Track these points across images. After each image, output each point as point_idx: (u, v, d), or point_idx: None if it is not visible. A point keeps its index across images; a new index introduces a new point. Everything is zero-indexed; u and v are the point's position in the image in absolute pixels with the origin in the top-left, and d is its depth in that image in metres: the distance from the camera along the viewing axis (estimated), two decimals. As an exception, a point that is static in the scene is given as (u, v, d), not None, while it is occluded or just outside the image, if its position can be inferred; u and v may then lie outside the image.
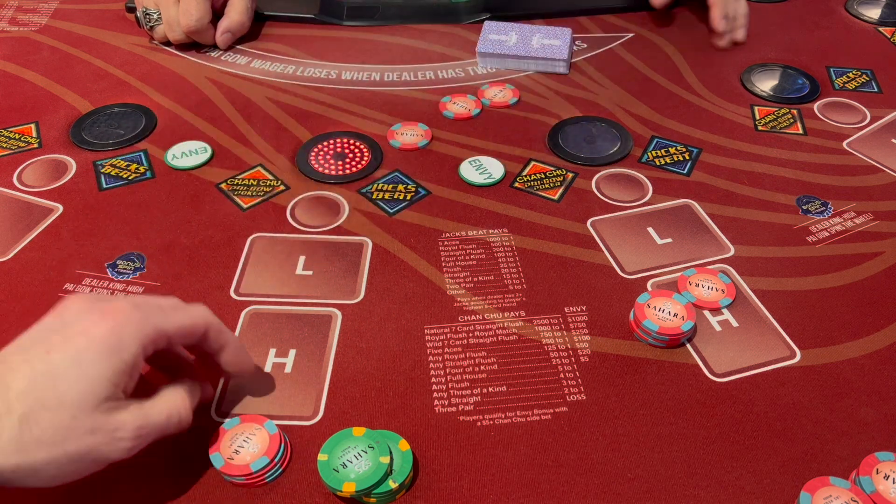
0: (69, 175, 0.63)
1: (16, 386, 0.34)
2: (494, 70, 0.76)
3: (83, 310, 0.38)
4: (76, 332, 0.36)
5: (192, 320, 0.40)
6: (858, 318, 0.51)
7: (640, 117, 0.70)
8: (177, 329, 0.39)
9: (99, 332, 0.36)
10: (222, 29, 0.77)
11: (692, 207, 0.60)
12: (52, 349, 0.36)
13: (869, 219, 0.59)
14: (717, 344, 0.50)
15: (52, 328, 0.37)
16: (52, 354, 0.35)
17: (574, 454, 0.43)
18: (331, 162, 0.64)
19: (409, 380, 0.47)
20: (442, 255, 0.56)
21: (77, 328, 0.36)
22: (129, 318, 0.37)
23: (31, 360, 0.35)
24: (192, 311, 0.41)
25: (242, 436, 0.42)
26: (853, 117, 0.70)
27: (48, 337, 0.36)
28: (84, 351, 0.36)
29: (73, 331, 0.36)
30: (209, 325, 0.41)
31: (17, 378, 0.35)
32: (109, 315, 0.37)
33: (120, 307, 0.38)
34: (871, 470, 0.41)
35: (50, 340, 0.36)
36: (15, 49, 0.79)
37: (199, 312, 0.41)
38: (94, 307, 0.38)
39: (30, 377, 0.35)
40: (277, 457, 0.41)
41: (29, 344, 0.36)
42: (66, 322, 0.37)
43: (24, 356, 0.36)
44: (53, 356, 0.35)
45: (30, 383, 0.34)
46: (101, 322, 0.37)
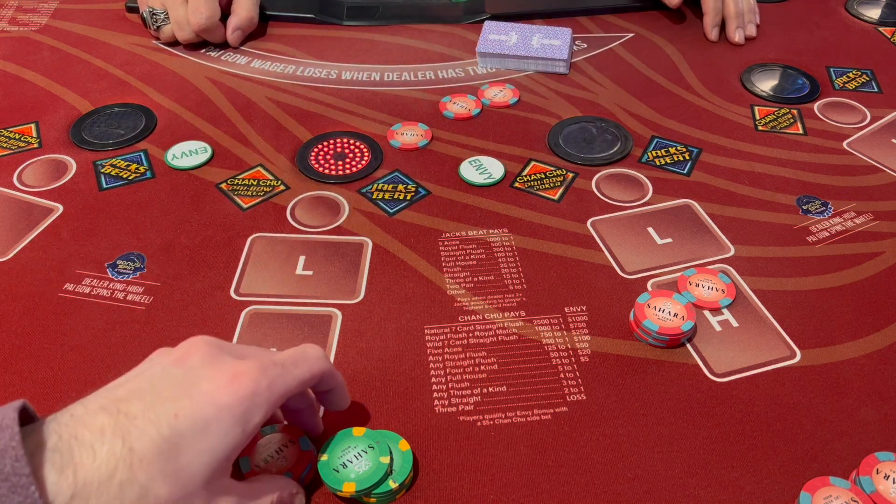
0: (69, 175, 0.63)
1: (140, 450, 0.31)
2: (494, 70, 0.76)
3: (210, 363, 0.35)
4: (204, 396, 0.34)
5: (311, 373, 0.38)
6: (858, 318, 0.51)
7: (640, 117, 0.70)
8: (300, 386, 0.38)
9: (228, 401, 0.34)
10: (233, 27, 0.77)
11: (692, 207, 0.60)
12: (180, 413, 0.33)
13: (869, 219, 0.59)
14: (717, 344, 0.50)
15: (176, 380, 0.34)
16: (179, 420, 0.32)
17: (574, 454, 0.43)
18: (331, 162, 0.64)
19: (409, 380, 0.47)
20: (442, 255, 0.56)
21: (205, 389, 0.34)
22: (259, 387, 0.35)
23: (159, 423, 0.32)
24: (311, 362, 0.39)
25: (275, 446, 0.42)
26: (853, 117, 0.70)
27: (175, 395, 0.33)
28: (213, 421, 0.33)
29: (200, 392, 0.34)
30: (324, 372, 0.39)
31: (143, 442, 0.31)
32: (239, 381, 0.34)
33: (250, 372, 0.35)
34: (871, 470, 0.41)
35: (179, 402, 0.33)
36: (15, 49, 0.79)
37: (317, 361, 0.39)
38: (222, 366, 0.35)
39: (157, 444, 0.31)
40: (303, 475, 0.41)
41: (152, 397, 0.33)
42: (191, 375, 0.35)
43: (150, 414, 0.32)
44: (180, 423, 0.32)
45: (156, 451, 0.31)
46: (230, 389, 0.34)
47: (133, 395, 0.33)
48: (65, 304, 0.52)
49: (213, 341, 0.37)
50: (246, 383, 0.35)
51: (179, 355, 0.36)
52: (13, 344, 0.49)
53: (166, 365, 0.35)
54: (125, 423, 0.32)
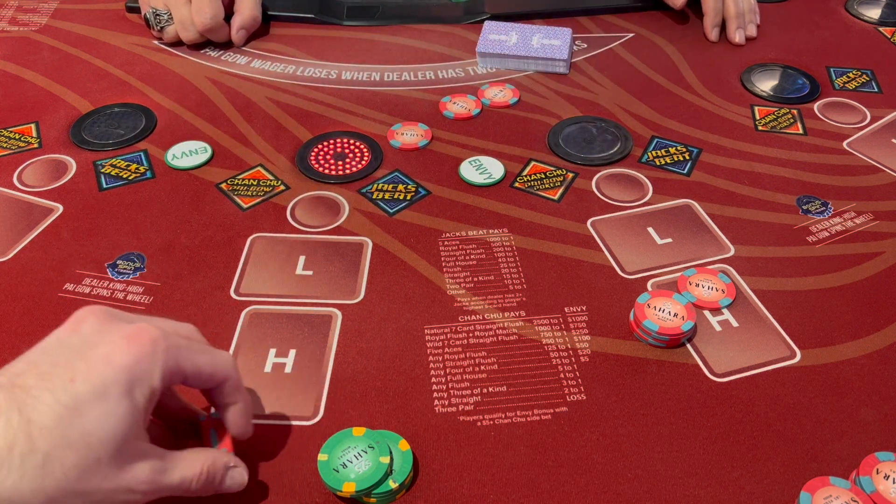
0: (69, 175, 0.63)
1: (39, 419, 0.31)
2: (494, 70, 0.76)
3: (104, 329, 0.35)
4: (99, 358, 0.33)
5: (212, 367, 0.37)
6: (858, 318, 0.51)
7: (640, 117, 0.70)
8: (195, 370, 0.37)
9: (124, 360, 0.33)
10: (237, 26, 0.78)
11: (692, 207, 0.60)
12: (77, 377, 0.32)
13: (869, 219, 0.59)
14: (717, 344, 0.50)
15: (71, 347, 0.34)
16: (76, 384, 0.32)
17: (574, 454, 0.43)
18: (331, 162, 0.64)
19: (410, 380, 0.47)
20: (442, 255, 0.56)
21: (100, 352, 0.33)
22: (155, 347, 0.34)
23: (55, 390, 0.32)
24: (217, 358, 0.38)
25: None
26: (853, 117, 0.70)
27: (70, 361, 0.33)
28: (110, 382, 0.32)
29: (95, 355, 0.33)
30: (228, 378, 0.38)
31: (39, 410, 0.31)
32: (135, 340, 0.34)
33: (145, 331, 0.35)
34: (871, 470, 0.41)
35: (73, 365, 0.33)
36: (15, 49, 0.79)
37: (223, 361, 0.38)
38: (115, 328, 0.35)
39: (55, 410, 0.31)
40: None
41: (48, 367, 0.33)
42: (86, 341, 0.34)
43: (45, 383, 0.32)
44: (77, 387, 0.32)
45: (54, 417, 0.31)
46: (126, 348, 0.34)
47: (28, 368, 0.33)
48: (65, 304, 0.52)
49: (106, 309, 0.36)
50: (143, 342, 0.34)
51: (72, 323, 0.35)
52: (13, 344, 0.49)
53: (60, 335, 0.35)
54: (20, 395, 0.31)
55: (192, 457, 0.37)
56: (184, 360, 0.36)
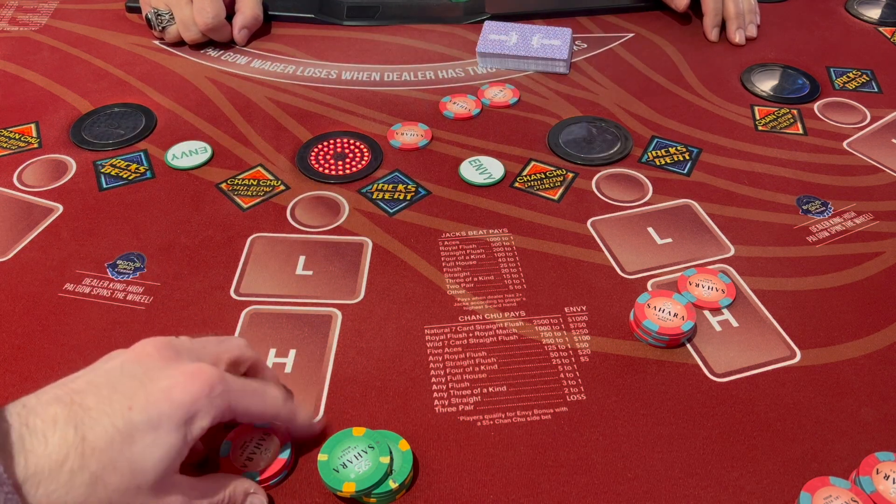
0: (69, 175, 0.63)
1: (93, 440, 0.32)
2: (494, 70, 0.76)
3: (167, 363, 0.36)
4: (159, 392, 0.34)
5: (261, 409, 0.39)
6: (858, 318, 0.51)
7: (640, 117, 0.70)
8: (245, 413, 0.38)
9: (183, 397, 0.34)
10: (239, 25, 0.78)
11: (692, 207, 0.60)
12: (135, 407, 0.33)
13: (869, 219, 0.59)
14: (717, 344, 0.50)
15: (133, 376, 0.35)
16: (133, 413, 0.33)
17: (574, 454, 0.43)
18: (331, 162, 0.64)
19: (409, 380, 0.47)
20: (442, 255, 0.56)
21: (161, 386, 0.35)
22: (213, 390, 0.36)
23: (113, 415, 0.33)
24: (266, 400, 0.39)
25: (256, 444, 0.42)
26: (853, 117, 0.70)
27: (131, 390, 0.34)
28: (165, 417, 0.34)
29: (156, 388, 0.34)
30: (277, 416, 0.40)
31: (95, 431, 0.32)
32: (196, 380, 0.35)
33: (206, 373, 0.36)
34: (871, 470, 0.41)
35: (133, 395, 0.34)
36: (15, 49, 0.79)
37: (271, 401, 0.40)
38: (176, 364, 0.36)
39: (109, 434, 0.32)
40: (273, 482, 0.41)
41: (108, 391, 0.34)
42: (148, 373, 0.35)
43: (104, 406, 0.33)
44: (134, 415, 0.33)
45: (107, 440, 0.32)
46: (186, 386, 0.35)
47: (89, 388, 0.34)
48: (65, 304, 0.52)
49: (172, 343, 0.38)
50: (202, 383, 0.35)
51: (139, 353, 0.37)
52: (13, 344, 0.49)
53: (125, 361, 0.36)
54: (79, 412, 0.32)
55: (216, 485, 0.38)
56: (236, 403, 0.37)
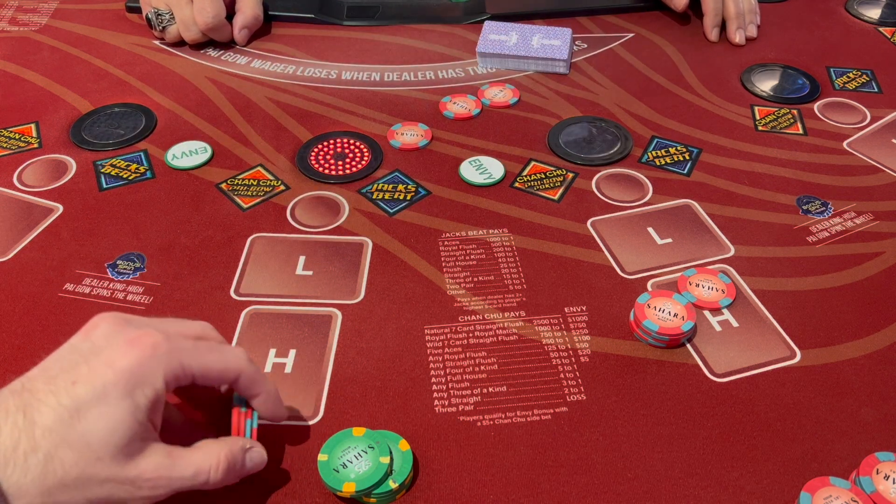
0: (69, 175, 0.63)
1: (41, 421, 0.33)
2: (494, 70, 0.76)
3: (111, 333, 0.36)
4: (102, 363, 0.35)
5: (222, 364, 0.38)
6: (858, 318, 0.51)
7: (640, 117, 0.70)
8: (203, 370, 0.37)
9: (125, 363, 0.35)
10: (239, 25, 0.78)
11: (692, 207, 0.60)
12: (78, 380, 0.34)
13: (869, 219, 0.59)
14: (717, 344, 0.50)
15: (79, 352, 0.35)
16: (77, 387, 0.34)
17: (574, 454, 0.43)
18: (331, 162, 0.64)
19: (410, 380, 0.47)
20: (442, 255, 0.56)
21: (103, 357, 0.35)
22: (156, 350, 0.35)
23: (58, 392, 0.33)
24: (226, 356, 0.39)
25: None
26: (853, 117, 0.70)
27: (75, 365, 0.35)
28: (110, 385, 0.34)
29: (98, 360, 0.35)
30: (241, 373, 0.39)
31: (42, 412, 0.33)
32: (137, 344, 0.35)
33: (148, 336, 0.36)
34: (871, 470, 0.41)
35: (77, 370, 0.34)
36: (15, 49, 0.79)
37: (233, 358, 0.39)
38: (121, 332, 0.36)
39: (56, 412, 0.33)
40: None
41: (56, 370, 0.35)
42: (93, 346, 0.36)
43: (50, 386, 0.34)
44: (78, 389, 0.34)
45: (55, 419, 0.33)
46: (127, 352, 0.35)
47: (39, 373, 0.35)
48: (65, 304, 0.52)
49: (121, 315, 0.38)
50: (144, 346, 0.35)
51: (86, 329, 0.37)
52: (13, 344, 0.49)
53: (74, 341, 0.37)
54: (28, 398, 0.33)
55: (207, 449, 0.38)
56: (189, 361, 0.37)
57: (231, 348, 0.40)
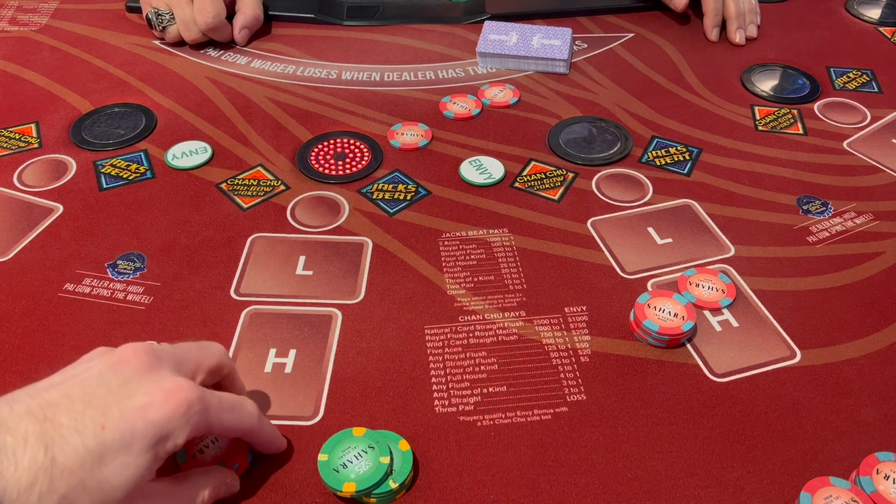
0: (69, 175, 0.63)
1: (62, 461, 0.31)
2: (494, 70, 0.76)
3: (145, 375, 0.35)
4: (134, 409, 0.34)
5: (237, 424, 0.39)
6: (858, 318, 0.51)
7: (640, 117, 0.70)
8: (221, 428, 0.38)
9: (157, 416, 0.34)
10: (240, 25, 0.78)
11: (692, 207, 0.60)
12: (108, 424, 0.33)
13: (869, 219, 0.59)
14: (717, 344, 0.50)
15: (109, 388, 0.34)
16: (105, 432, 0.33)
17: (574, 454, 0.43)
18: (331, 162, 0.64)
19: (410, 380, 0.47)
20: (442, 255, 0.56)
21: (136, 403, 0.34)
22: (189, 409, 0.35)
23: (84, 432, 0.32)
24: (242, 416, 0.39)
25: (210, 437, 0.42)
26: (853, 117, 0.70)
27: (106, 405, 0.33)
28: (138, 436, 0.33)
29: (131, 405, 0.34)
30: (251, 431, 0.40)
31: (66, 452, 0.31)
32: (173, 398, 0.35)
33: (184, 390, 0.35)
34: (871, 470, 0.41)
35: (107, 411, 0.33)
36: (15, 49, 0.79)
37: (247, 416, 0.39)
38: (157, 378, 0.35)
39: (80, 454, 0.32)
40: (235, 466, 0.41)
41: (82, 406, 0.33)
42: (125, 384, 0.35)
43: (75, 423, 0.32)
44: (107, 435, 0.33)
45: (78, 462, 0.32)
46: (163, 405, 0.34)
47: (63, 400, 0.33)
48: (65, 304, 0.52)
49: (153, 349, 0.37)
50: (179, 402, 0.35)
51: (117, 360, 0.36)
52: (13, 344, 0.49)
53: (103, 369, 0.35)
54: (50, 430, 0.32)
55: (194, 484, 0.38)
56: (213, 421, 0.37)
57: (245, 406, 0.40)
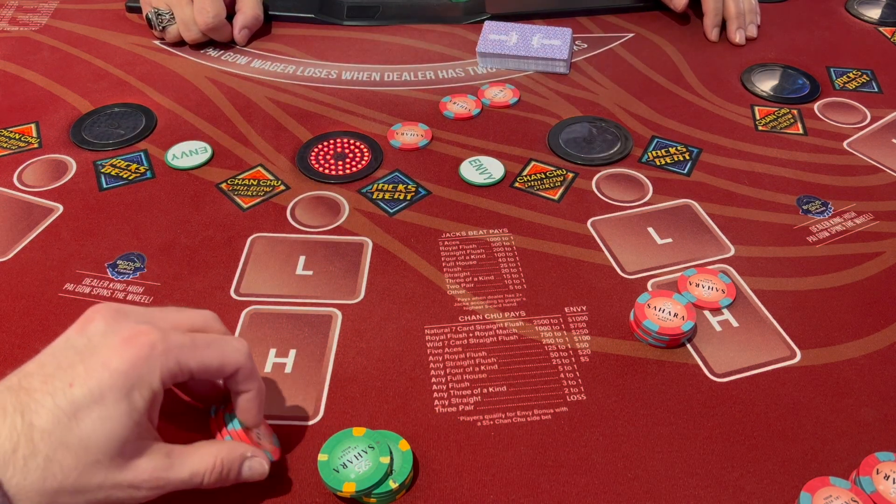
0: (69, 175, 0.63)
1: (39, 423, 0.32)
2: (494, 70, 0.76)
3: (107, 330, 0.35)
4: (98, 363, 0.34)
5: (220, 360, 0.37)
6: (858, 318, 0.51)
7: (640, 117, 0.70)
8: (200, 366, 0.37)
9: (121, 363, 0.34)
10: (240, 25, 0.78)
11: (692, 207, 0.60)
12: (75, 381, 0.33)
13: (869, 219, 0.59)
14: (717, 344, 0.50)
15: (74, 348, 0.35)
16: (74, 389, 0.33)
17: (574, 454, 0.43)
18: (331, 162, 0.64)
19: (410, 380, 0.47)
20: (442, 255, 0.56)
21: (99, 357, 0.34)
22: (153, 349, 0.35)
23: (54, 394, 0.33)
24: (225, 350, 0.38)
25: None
26: (853, 117, 0.70)
27: (71, 364, 0.34)
28: (106, 387, 0.33)
29: (94, 360, 0.34)
30: (240, 367, 0.38)
31: (40, 414, 0.32)
32: (132, 344, 0.35)
33: (143, 334, 0.35)
34: (871, 470, 0.41)
35: (73, 370, 0.34)
36: (15, 49, 0.79)
37: (231, 352, 0.38)
38: (117, 329, 0.35)
39: (53, 414, 0.32)
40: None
41: (52, 368, 0.34)
42: (89, 343, 0.35)
43: (46, 386, 0.33)
44: (75, 391, 0.33)
45: (53, 421, 0.32)
46: (123, 351, 0.34)
47: (36, 369, 0.34)
48: (65, 304, 0.52)
49: (117, 307, 0.37)
50: (140, 345, 0.35)
51: (81, 322, 0.36)
52: (13, 344, 0.49)
53: (69, 335, 0.36)
54: (25, 398, 0.33)
55: (204, 450, 0.37)
56: (186, 358, 0.36)
57: (231, 341, 0.39)
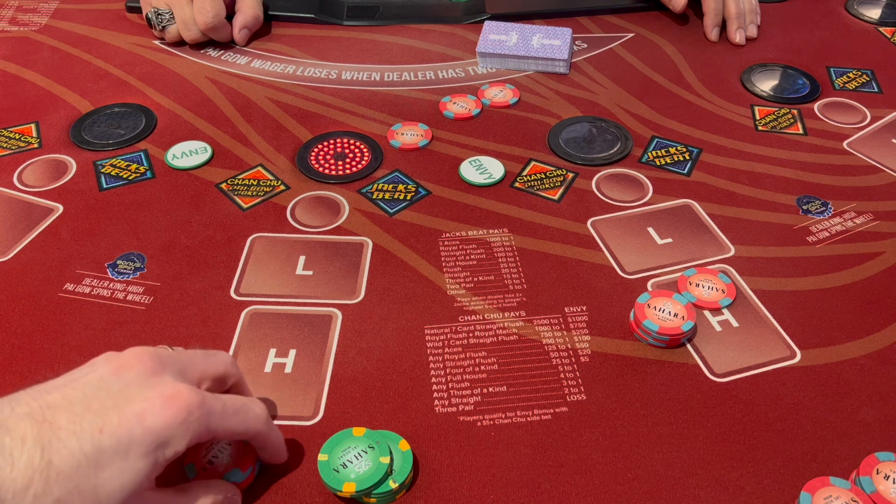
0: (69, 175, 0.63)
1: (59, 464, 0.31)
2: (494, 70, 0.76)
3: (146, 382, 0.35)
4: (132, 415, 0.33)
5: (243, 428, 0.38)
6: (858, 318, 0.51)
7: (640, 117, 0.70)
8: (226, 433, 0.37)
9: (156, 422, 0.34)
10: (239, 25, 0.78)
11: (692, 207, 0.60)
12: (106, 429, 0.33)
13: (869, 219, 0.59)
14: (717, 344, 0.50)
15: (108, 390, 0.34)
16: (103, 436, 0.32)
17: (574, 454, 0.43)
18: (331, 162, 0.64)
19: (410, 380, 0.47)
20: (442, 255, 0.56)
21: (135, 408, 0.34)
22: (190, 415, 0.35)
23: (81, 436, 0.32)
24: (248, 419, 0.38)
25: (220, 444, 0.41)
26: (853, 117, 0.70)
27: (104, 408, 0.33)
28: (136, 442, 0.33)
29: (129, 410, 0.33)
30: (257, 435, 0.39)
31: (62, 455, 0.31)
32: (172, 405, 0.34)
33: (183, 397, 0.35)
34: (871, 470, 0.41)
35: (106, 416, 0.33)
36: (15, 49, 0.79)
37: (253, 421, 0.38)
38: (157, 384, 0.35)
39: (76, 458, 0.32)
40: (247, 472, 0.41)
41: (82, 409, 0.33)
42: (125, 389, 0.34)
43: (73, 425, 0.32)
44: (104, 439, 0.32)
45: (74, 466, 0.31)
46: (163, 410, 0.34)
47: (63, 403, 0.33)
48: (65, 304, 0.52)
49: (158, 354, 0.37)
50: (178, 408, 0.34)
51: (120, 365, 0.35)
52: (13, 344, 0.49)
53: (104, 374, 0.35)
54: (48, 432, 0.32)
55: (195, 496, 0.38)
56: (215, 426, 0.36)
57: (252, 407, 0.39)
